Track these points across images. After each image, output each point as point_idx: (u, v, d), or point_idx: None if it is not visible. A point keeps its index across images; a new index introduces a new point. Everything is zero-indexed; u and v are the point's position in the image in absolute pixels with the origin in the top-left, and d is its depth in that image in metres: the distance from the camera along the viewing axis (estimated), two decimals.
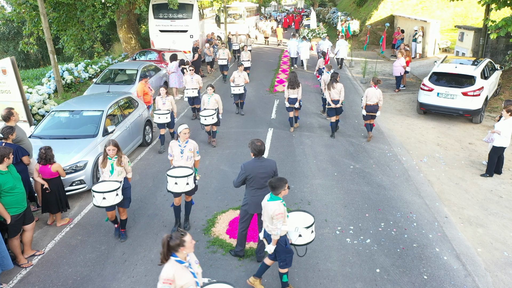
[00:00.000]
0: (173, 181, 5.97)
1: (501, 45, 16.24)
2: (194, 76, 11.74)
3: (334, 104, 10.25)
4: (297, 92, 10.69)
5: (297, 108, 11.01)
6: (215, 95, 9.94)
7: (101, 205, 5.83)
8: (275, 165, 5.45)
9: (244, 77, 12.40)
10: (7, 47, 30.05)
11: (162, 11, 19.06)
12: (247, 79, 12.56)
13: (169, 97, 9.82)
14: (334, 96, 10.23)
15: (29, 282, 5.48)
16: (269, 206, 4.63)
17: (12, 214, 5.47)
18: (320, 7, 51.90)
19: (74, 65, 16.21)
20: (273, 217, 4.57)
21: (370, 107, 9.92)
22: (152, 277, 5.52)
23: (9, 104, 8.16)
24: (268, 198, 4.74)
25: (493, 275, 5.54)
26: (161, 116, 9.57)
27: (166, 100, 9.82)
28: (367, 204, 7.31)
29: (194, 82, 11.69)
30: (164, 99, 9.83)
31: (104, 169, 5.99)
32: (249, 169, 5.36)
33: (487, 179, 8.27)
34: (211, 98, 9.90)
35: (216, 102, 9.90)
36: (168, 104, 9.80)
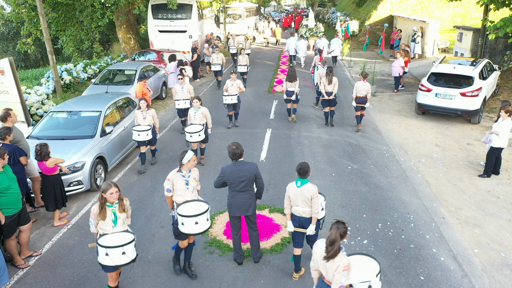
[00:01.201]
0: (192, 221, 4.88)
1: (499, 45, 16.25)
2: (184, 85, 10.68)
3: (328, 96, 11.15)
4: (294, 85, 11.48)
5: (294, 100, 11.68)
6: (202, 108, 8.86)
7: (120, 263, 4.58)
8: (255, 169, 5.39)
9: (238, 85, 11.27)
10: (6, 47, 30.07)
11: (161, 11, 19.05)
12: (242, 88, 11.42)
13: (151, 110, 8.83)
14: (328, 88, 11.11)
15: (26, 283, 5.48)
16: (305, 189, 4.98)
17: (7, 214, 5.46)
18: (320, 7, 51.89)
19: (73, 66, 16.21)
20: (312, 197, 4.96)
21: (360, 99, 10.77)
22: (149, 278, 5.53)
23: (7, 105, 8.17)
24: (298, 184, 5.03)
25: (490, 276, 5.55)
26: (140, 133, 8.50)
27: (147, 114, 8.76)
28: (365, 205, 7.31)
29: (185, 92, 10.64)
30: (144, 113, 8.74)
31: (105, 221, 4.68)
32: (227, 173, 5.37)
33: (485, 179, 8.27)
34: (198, 111, 8.82)
35: (204, 116, 8.82)
36: (149, 118, 8.76)
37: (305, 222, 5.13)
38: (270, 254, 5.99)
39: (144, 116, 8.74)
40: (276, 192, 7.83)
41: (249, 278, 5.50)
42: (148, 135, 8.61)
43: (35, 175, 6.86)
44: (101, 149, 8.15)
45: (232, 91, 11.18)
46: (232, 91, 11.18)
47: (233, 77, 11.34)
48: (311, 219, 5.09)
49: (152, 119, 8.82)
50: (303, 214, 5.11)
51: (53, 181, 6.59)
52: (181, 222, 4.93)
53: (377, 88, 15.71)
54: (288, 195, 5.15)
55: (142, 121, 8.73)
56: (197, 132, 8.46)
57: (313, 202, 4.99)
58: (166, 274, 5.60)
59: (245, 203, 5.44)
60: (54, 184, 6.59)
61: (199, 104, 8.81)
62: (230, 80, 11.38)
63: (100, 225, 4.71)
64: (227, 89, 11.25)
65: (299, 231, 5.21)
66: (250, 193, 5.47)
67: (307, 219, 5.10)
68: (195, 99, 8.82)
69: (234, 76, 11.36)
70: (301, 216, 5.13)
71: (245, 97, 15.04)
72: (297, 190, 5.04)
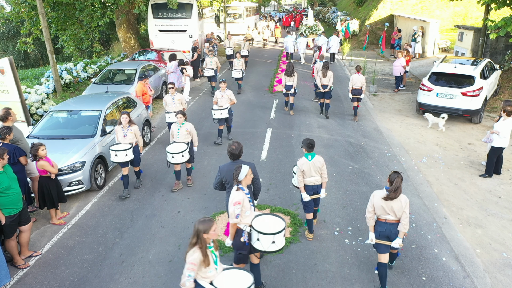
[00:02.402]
0: (270, 239, 4.58)
1: (500, 45, 16.21)
2: (176, 96, 9.71)
3: (323, 88, 11.89)
4: (293, 80, 12.12)
5: (292, 94, 12.36)
6: (187, 124, 7.76)
7: None
8: (252, 169, 5.29)
9: (229, 97, 10.07)
10: (6, 47, 30.04)
11: (162, 10, 19.03)
12: (233, 99, 10.19)
13: (132, 127, 7.66)
14: (323, 81, 11.84)
15: (26, 283, 5.46)
16: (317, 161, 5.87)
17: (7, 215, 5.44)
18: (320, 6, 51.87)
19: (73, 65, 16.18)
20: (322, 165, 5.92)
21: (355, 90, 11.71)
22: (150, 278, 5.51)
23: (7, 104, 8.16)
24: (309, 158, 5.84)
25: (492, 276, 5.52)
26: (118, 154, 7.39)
27: (128, 131, 7.60)
28: (365, 205, 7.26)
29: (177, 104, 9.65)
30: (125, 130, 7.60)
31: (209, 267, 3.86)
32: (224, 171, 5.38)
33: (486, 179, 8.25)
34: (182, 128, 7.70)
35: (189, 133, 7.73)
36: (130, 136, 7.63)
37: (318, 188, 6.06)
38: (271, 254, 5.96)
39: (125, 133, 7.61)
40: (277, 192, 7.81)
41: None
42: (128, 155, 7.47)
43: (35, 174, 6.83)
44: (101, 148, 8.12)
45: (222, 103, 10.04)
46: (223, 103, 10.04)
47: (223, 86, 10.07)
48: (321, 185, 6.05)
49: (134, 136, 7.69)
50: (316, 183, 5.98)
51: (42, 181, 6.54)
52: (257, 237, 4.57)
53: (377, 87, 15.68)
54: (302, 170, 5.86)
55: (122, 138, 7.63)
56: (181, 152, 7.40)
57: (323, 170, 5.96)
58: (167, 274, 5.58)
59: None
60: (43, 185, 6.54)
61: (183, 119, 7.66)
62: (220, 91, 10.12)
63: (202, 273, 3.83)
64: (217, 101, 10.12)
65: (314, 198, 6.07)
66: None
67: (319, 186, 6.04)
68: (179, 114, 7.64)
69: (224, 85, 10.09)
70: (315, 184, 5.98)
71: (245, 96, 15.03)
72: (310, 163, 5.84)
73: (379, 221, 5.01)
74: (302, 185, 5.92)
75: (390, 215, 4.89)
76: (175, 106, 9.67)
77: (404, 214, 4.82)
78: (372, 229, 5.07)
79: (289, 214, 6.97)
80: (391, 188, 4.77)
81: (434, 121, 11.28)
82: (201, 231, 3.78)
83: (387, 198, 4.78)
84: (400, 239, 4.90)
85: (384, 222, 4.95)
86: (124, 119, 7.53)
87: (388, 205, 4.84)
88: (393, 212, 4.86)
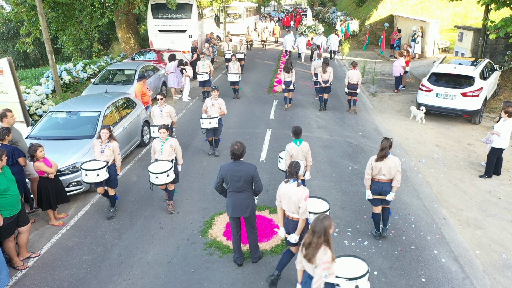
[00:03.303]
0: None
1: (500, 45, 16.20)
2: (164, 108, 8.86)
3: (324, 84, 12.58)
4: (291, 76, 12.73)
5: (291, 89, 12.97)
6: (171, 139, 7.01)
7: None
8: (253, 170, 5.38)
9: (220, 106, 9.30)
10: (6, 47, 30.03)
11: (161, 11, 19.03)
12: (224, 110, 9.35)
13: (112, 143, 6.85)
14: (324, 77, 12.54)
15: (25, 284, 5.45)
16: (304, 146, 6.54)
17: (5, 216, 5.41)
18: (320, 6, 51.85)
19: (72, 65, 16.17)
20: (308, 150, 6.58)
21: (351, 85, 12.39)
22: (149, 279, 5.49)
23: (6, 105, 8.15)
24: (298, 144, 6.49)
25: (492, 277, 5.51)
26: (88, 173, 6.51)
27: (107, 147, 6.80)
28: (365, 206, 7.27)
29: (165, 117, 8.82)
30: (103, 146, 6.81)
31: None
32: (224, 170, 5.42)
33: (486, 180, 8.24)
34: (165, 144, 6.92)
35: (173, 149, 6.97)
36: (108, 153, 6.82)
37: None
38: (270, 255, 5.95)
39: (102, 149, 6.78)
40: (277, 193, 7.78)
41: (249, 279, 5.47)
42: (100, 176, 6.55)
43: (34, 175, 6.82)
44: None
45: (212, 112, 9.29)
46: (212, 112, 9.28)
47: (214, 95, 9.28)
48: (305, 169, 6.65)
49: (112, 153, 6.88)
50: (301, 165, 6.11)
51: (41, 182, 6.52)
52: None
53: (377, 88, 15.67)
54: (291, 154, 6.51)
55: (98, 155, 6.82)
56: (165, 172, 6.60)
57: (308, 154, 6.62)
58: (165, 275, 5.57)
59: (241, 203, 5.42)
60: (41, 185, 6.51)
61: (166, 134, 6.86)
62: (211, 99, 9.33)
63: (330, 270, 3.88)
64: (207, 109, 9.37)
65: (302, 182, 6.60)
66: (248, 194, 5.45)
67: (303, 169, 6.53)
68: (162, 129, 6.83)
69: (215, 93, 9.28)
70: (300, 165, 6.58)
71: (245, 97, 15.02)
72: (298, 148, 6.51)
73: (373, 180, 6.03)
74: None
75: (384, 175, 5.91)
76: (163, 119, 8.78)
77: (398, 173, 5.86)
78: (369, 187, 6.08)
79: None
80: (379, 149, 5.83)
81: (415, 113, 11.86)
82: (328, 228, 3.81)
83: (378, 158, 5.83)
84: (393, 193, 5.98)
85: (378, 181, 6.00)
86: (104, 134, 6.73)
87: (385, 166, 5.84)
88: (388, 172, 5.87)
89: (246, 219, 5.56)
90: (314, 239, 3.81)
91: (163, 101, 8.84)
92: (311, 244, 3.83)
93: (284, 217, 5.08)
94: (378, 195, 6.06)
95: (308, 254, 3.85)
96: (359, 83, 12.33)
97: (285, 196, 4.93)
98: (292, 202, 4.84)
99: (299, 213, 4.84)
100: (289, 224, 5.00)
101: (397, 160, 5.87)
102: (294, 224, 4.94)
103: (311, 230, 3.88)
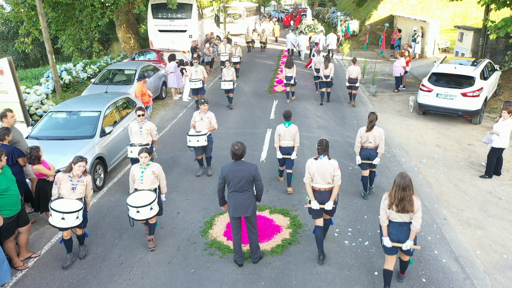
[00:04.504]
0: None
1: (500, 45, 16.20)
2: (144, 125, 7.66)
3: (326, 78, 13.39)
4: (292, 71, 13.49)
5: (293, 84, 13.79)
6: (153, 165, 5.98)
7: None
8: (254, 170, 5.40)
9: (210, 120, 8.30)
10: (6, 47, 30.04)
11: (161, 11, 19.03)
12: (214, 124, 8.36)
13: (85, 178, 5.72)
14: (326, 72, 13.31)
15: (25, 284, 5.44)
16: (292, 128, 7.58)
17: (5, 216, 5.40)
18: (320, 6, 51.86)
19: (72, 65, 16.16)
20: (296, 132, 7.60)
21: (351, 79, 13.17)
22: (149, 280, 5.49)
23: (6, 105, 8.13)
24: (286, 125, 7.55)
25: (492, 278, 5.50)
26: (53, 214, 5.29)
27: (79, 183, 5.63)
28: (366, 206, 7.27)
29: (144, 135, 7.64)
30: (75, 181, 5.61)
31: None
32: (225, 170, 5.43)
33: (486, 180, 8.23)
34: (147, 171, 5.91)
35: (156, 177, 5.96)
36: (80, 189, 5.65)
37: (290, 150, 7.70)
38: (270, 255, 5.95)
39: (74, 185, 5.62)
40: (277, 193, 7.79)
41: (249, 280, 5.46)
42: (69, 221, 5.32)
43: (34, 176, 6.81)
44: (100, 149, 8.11)
45: (201, 128, 8.27)
46: (201, 128, 8.27)
47: (203, 108, 8.26)
48: (293, 148, 7.68)
49: (85, 190, 5.75)
50: (288, 145, 7.68)
51: (39, 184, 6.47)
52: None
53: (377, 88, 15.66)
54: (279, 133, 7.61)
55: (68, 192, 5.60)
56: (147, 206, 5.60)
57: (296, 136, 7.61)
58: (166, 276, 5.56)
59: (243, 203, 5.42)
60: (40, 187, 6.46)
61: (148, 159, 5.89)
62: (199, 113, 8.31)
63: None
64: (195, 125, 8.37)
65: (286, 157, 7.78)
66: (249, 194, 5.45)
67: (291, 148, 7.69)
68: (143, 153, 5.85)
69: (204, 107, 8.26)
70: (287, 146, 7.67)
71: (245, 97, 15.01)
72: (286, 129, 7.58)
73: (362, 147, 7.26)
74: (278, 145, 7.71)
75: (370, 143, 7.14)
76: (142, 137, 7.65)
77: (382, 141, 7.09)
78: (359, 154, 7.31)
79: (288, 215, 6.96)
80: (368, 122, 7.06)
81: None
82: (411, 181, 4.74)
83: (367, 129, 7.10)
84: (378, 158, 7.20)
85: (366, 148, 7.24)
86: (78, 168, 5.58)
87: (371, 135, 7.09)
88: (373, 141, 7.11)
89: (247, 219, 5.56)
90: (406, 193, 4.64)
91: (143, 117, 7.68)
92: (404, 198, 4.66)
93: (313, 191, 5.67)
94: (366, 160, 7.26)
95: (405, 206, 4.68)
96: (358, 78, 13.09)
97: (319, 171, 5.56)
98: (328, 173, 5.55)
99: (334, 182, 5.59)
100: (323, 194, 5.64)
101: (381, 130, 7.10)
102: (328, 194, 5.64)
103: (399, 187, 4.66)
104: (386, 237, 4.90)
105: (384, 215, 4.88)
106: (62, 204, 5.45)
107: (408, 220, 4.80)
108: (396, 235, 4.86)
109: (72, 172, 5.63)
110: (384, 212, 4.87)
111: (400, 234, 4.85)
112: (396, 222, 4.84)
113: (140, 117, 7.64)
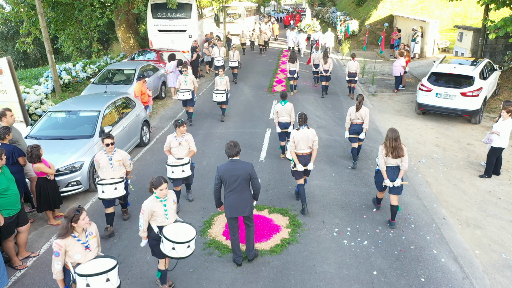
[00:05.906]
0: None
1: (500, 45, 16.21)
2: (114, 155, 6.27)
3: (325, 73, 14.31)
4: (295, 66, 14.36)
5: (295, 78, 14.73)
6: (170, 193, 5.04)
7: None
8: (250, 169, 5.39)
9: (188, 144, 6.97)
10: (5, 47, 30.02)
11: (161, 10, 19.02)
12: (193, 148, 7.05)
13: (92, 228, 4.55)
14: (325, 67, 14.25)
15: (24, 284, 5.44)
16: (288, 105, 8.86)
17: (5, 216, 5.40)
18: (320, 6, 51.89)
19: (72, 65, 16.16)
20: (292, 109, 8.91)
21: (351, 74, 14.03)
22: (148, 279, 5.49)
23: (5, 104, 8.13)
24: (282, 104, 8.85)
25: (491, 277, 5.51)
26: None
27: (89, 237, 4.38)
28: (365, 205, 7.27)
29: (116, 167, 6.27)
30: (84, 240, 4.31)
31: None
32: (222, 170, 5.40)
33: (486, 180, 8.23)
34: (168, 202, 4.90)
35: (174, 202, 5.04)
36: (93, 244, 4.41)
37: (287, 125, 8.97)
38: (269, 255, 5.95)
39: (85, 243, 4.36)
40: (276, 193, 7.79)
41: (248, 279, 5.46)
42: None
43: (34, 175, 6.81)
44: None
45: (180, 154, 6.90)
46: (180, 154, 6.90)
47: (180, 131, 6.84)
48: (290, 123, 8.97)
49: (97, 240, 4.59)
50: (286, 120, 8.92)
51: (39, 183, 6.47)
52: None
53: (377, 88, 15.66)
54: (277, 111, 8.93)
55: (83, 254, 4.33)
56: (188, 242, 4.71)
57: (292, 112, 8.89)
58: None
59: (240, 203, 5.42)
60: (41, 186, 6.47)
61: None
62: (176, 137, 6.88)
63: None
64: (171, 150, 6.93)
65: (283, 131, 9.05)
66: (246, 193, 5.45)
67: (288, 123, 8.97)
68: (163, 184, 4.77)
69: (182, 129, 6.84)
70: (285, 122, 8.95)
71: (245, 96, 15.02)
72: (282, 107, 8.85)
73: (352, 124, 8.54)
74: (277, 121, 8.99)
75: (359, 119, 8.48)
76: (114, 171, 6.33)
77: (366, 118, 8.43)
78: (348, 129, 8.59)
79: (287, 215, 6.96)
80: (357, 102, 8.35)
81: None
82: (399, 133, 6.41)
83: (357, 109, 8.39)
84: (364, 133, 8.53)
85: (355, 124, 8.52)
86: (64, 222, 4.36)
87: (358, 114, 8.43)
88: (361, 118, 8.46)
89: (245, 217, 5.56)
90: (397, 143, 6.15)
91: (113, 146, 6.26)
92: (397, 146, 6.17)
93: (298, 156, 6.84)
94: (356, 134, 8.54)
95: (398, 153, 6.17)
96: (357, 72, 14.00)
97: (302, 139, 6.77)
98: (309, 140, 6.80)
99: (313, 146, 6.85)
100: (306, 158, 6.88)
101: (367, 109, 8.46)
102: (309, 157, 6.90)
103: (391, 139, 6.17)
104: (387, 179, 6.33)
105: (383, 162, 6.35)
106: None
107: (399, 164, 6.29)
108: (390, 176, 6.35)
109: (76, 230, 4.33)
110: (382, 160, 6.35)
111: (393, 175, 6.34)
112: (390, 167, 6.35)
113: (108, 147, 6.20)
